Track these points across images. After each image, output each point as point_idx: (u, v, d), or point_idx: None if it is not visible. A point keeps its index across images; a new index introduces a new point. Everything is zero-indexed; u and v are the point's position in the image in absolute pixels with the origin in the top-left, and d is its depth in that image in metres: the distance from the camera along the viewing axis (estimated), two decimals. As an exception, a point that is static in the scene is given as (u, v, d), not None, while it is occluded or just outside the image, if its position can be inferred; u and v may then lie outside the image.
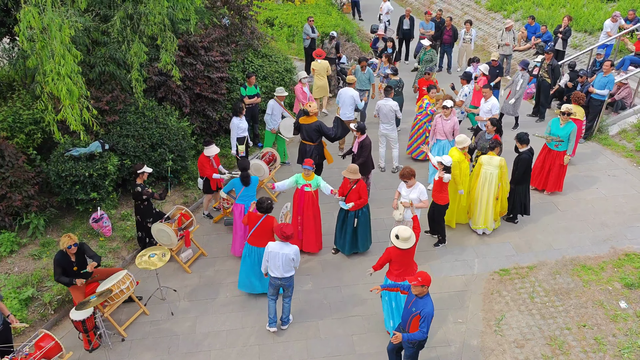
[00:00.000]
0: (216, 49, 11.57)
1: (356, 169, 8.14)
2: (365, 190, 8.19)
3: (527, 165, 8.88)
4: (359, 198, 8.15)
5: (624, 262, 8.39)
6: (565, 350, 6.92)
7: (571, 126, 9.56)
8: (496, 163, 8.61)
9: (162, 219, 8.15)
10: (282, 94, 10.87)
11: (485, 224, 8.99)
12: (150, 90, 10.41)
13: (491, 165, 8.65)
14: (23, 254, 8.30)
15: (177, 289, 8.07)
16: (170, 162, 9.68)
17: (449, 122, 9.81)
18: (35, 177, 8.71)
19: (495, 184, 8.67)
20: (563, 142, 9.58)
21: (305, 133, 9.62)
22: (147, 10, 8.12)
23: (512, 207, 9.25)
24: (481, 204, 8.86)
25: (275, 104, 10.88)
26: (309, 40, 15.01)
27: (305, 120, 9.60)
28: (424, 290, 5.63)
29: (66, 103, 6.74)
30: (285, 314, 7.31)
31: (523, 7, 19.11)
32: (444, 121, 9.84)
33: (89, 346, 6.98)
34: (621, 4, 16.40)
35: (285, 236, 6.69)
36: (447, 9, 21.70)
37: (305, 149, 9.72)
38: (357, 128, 9.26)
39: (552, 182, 10.05)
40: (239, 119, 9.92)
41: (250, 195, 8.38)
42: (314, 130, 9.54)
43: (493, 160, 8.64)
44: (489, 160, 8.69)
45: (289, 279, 6.95)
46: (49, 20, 6.28)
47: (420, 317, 5.64)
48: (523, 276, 8.22)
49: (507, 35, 14.79)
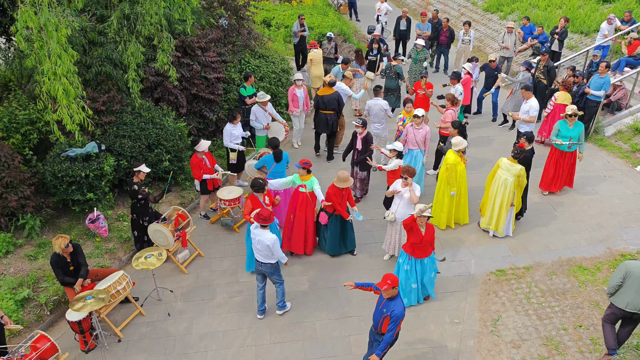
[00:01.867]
0: (213, 49, 11.57)
1: (347, 177, 8.06)
2: (351, 199, 8.29)
3: (529, 163, 8.91)
4: (344, 205, 8.19)
5: (619, 263, 8.40)
6: (561, 351, 6.94)
7: (580, 126, 9.56)
8: (515, 172, 8.39)
9: (159, 220, 8.14)
10: (263, 99, 10.47)
11: (497, 227, 8.97)
12: (146, 91, 10.39)
13: (509, 173, 8.44)
14: (19, 254, 8.27)
15: (174, 289, 8.06)
16: (167, 162, 9.66)
17: (421, 131, 9.55)
18: (31, 178, 8.68)
19: (511, 191, 8.52)
20: (580, 143, 9.61)
21: (327, 103, 10.64)
22: (144, 11, 8.12)
23: None
24: (494, 207, 8.84)
25: (258, 110, 10.54)
26: (297, 38, 15.18)
27: (325, 92, 10.71)
28: (394, 292, 5.72)
29: (62, 103, 6.73)
30: (279, 298, 7.42)
31: (519, 8, 19.16)
32: (416, 130, 9.56)
33: (85, 347, 6.96)
34: (617, 5, 16.47)
35: (262, 218, 6.74)
36: (443, 10, 21.74)
37: (326, 118, 10.77)
38: (360, 123, 9.37)
39: (563, 181, 10.07)
40: (232, 125, 9.68)
41: (281, 171, 8.75)
42: (335, 99, 10.65)
43: (513, 169, 8.41)
44: (509, 167, 8.45)
45: (270, 267, 7.00)
46: (45, 20, 6.27)
47: (390, 319, 5.75)
48: (519, 277, 8.24)
49: (508, 38, 14.56)
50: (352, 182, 8.12)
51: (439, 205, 9.17)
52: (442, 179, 8.95)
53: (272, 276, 7.15)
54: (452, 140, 8.77)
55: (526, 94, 10.43)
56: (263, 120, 10.66)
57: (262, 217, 6.76)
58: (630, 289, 6.22)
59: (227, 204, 9.06)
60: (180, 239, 8.24)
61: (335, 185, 8.05)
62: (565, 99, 11.16)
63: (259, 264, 7.03)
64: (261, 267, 7.04)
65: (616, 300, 6.38)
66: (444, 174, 8.86)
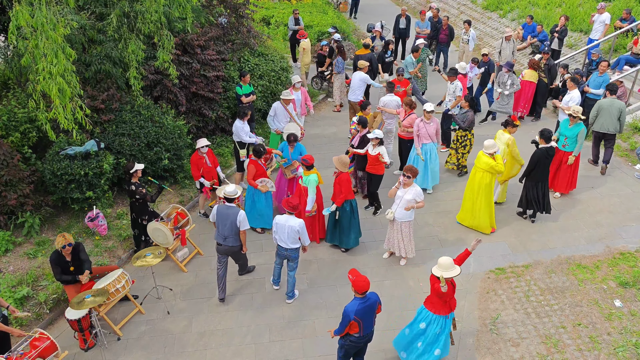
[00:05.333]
0: (212, 47, 11.55)
1: (346, 162, 8.33)
2: (346, 185, 8.24)
3: (537, 160, 8.82)
4: (339, 192, 8.26)
5: (618, 261, 8.43)
6: (560, 349, 6.95)
7: (579, 127, 9.55)
8: (505, 140, 9.26)
9: (157, 219, 8.13)
10: (287, 97, 10.57)
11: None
12: (146, 89, 10.36)
13: (500, 141, 9.33)
14: (18, 253, 8.28)
15: (173, 288, 8.06)
16: (166, 160, 9.66)
17: (432, 124, 9.76)
18: (31, 176, 8.68)
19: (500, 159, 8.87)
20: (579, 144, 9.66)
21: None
22: (144, 9, 8.11)
23: (527, 203, 9.28)
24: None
25: (279, 106, 10.61)
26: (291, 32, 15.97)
27: (362, 52, 12.99)
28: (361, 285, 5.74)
29: (57, 102, 6.70)
30: (289, 287, 7.70)
31: (519, 6, 19.14)
32: (427, 124, 9.75)
33: (85, 345, 6.97)
34: (616, 3, 16.45)
35: (292, 206, 7.20)
36: (443, 9, 21.71)
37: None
38: (359, 122, 9.42)
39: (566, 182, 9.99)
40: (242, 122, 9.73)
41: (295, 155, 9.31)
42: (369, 59, 12.59)
43: (503, 137, 9.35)
44: (500, 135, 9.46)
45: (295, 251, 7.39)
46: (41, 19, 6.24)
47: None
48: (518, 275, 8.24)
49: (506, 45, 14.12)
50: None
51: (478, 210, 9.02)
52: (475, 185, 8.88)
53: (294, 260, 7.50)
54: (485, 142, 8.71)
55: (570, 85, 10.85)
56: (282, 118, 10.65)
57: (292, 205, 7.21)
58: (602, 117, 10.27)
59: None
60: (180, 237, 8.24)
61: (334, 163, 8.32)
62: (532, 77, 12.52)
63: (283, 249, 7.38)
64: (286, 252, 7.39)
65: (595, 126, 10.44)
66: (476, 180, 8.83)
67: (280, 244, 7.34)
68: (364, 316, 5.80)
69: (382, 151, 8.95)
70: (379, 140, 8.96)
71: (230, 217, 7.21)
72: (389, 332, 7.22)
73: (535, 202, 9.19)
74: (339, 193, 8.27)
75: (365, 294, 5.78)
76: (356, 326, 5.82)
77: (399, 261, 8.53)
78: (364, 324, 5.85)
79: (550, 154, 8.84)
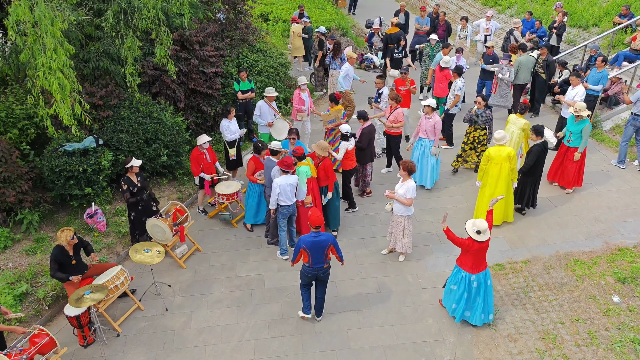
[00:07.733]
0: (211, 43, 11.52)
1: (325, 146, 8.44)
2: (330, 169, 8.51)
3: (536, 156, 8.83)
4: (326, 177, 8.50)
5: (617, 257, 8.45)
6: (558, 344, 6.97)
7: (584, 124, 9.53)
8: (521, 125, 9.65)
9: (156, 215, 8.13)
10: (271, 94, 10.46)
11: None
12: (144, 85, 10.35)
13: (515, 126, 9.74)
14: (17, 249, 8.27)
15: (172, 284, 8.07)
16: (165, 157, 9.64)
17: (431, 120, 9.75)
18: (29, 173, 8.67)
19: (518, 143, 9.67)
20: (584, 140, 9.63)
21: (393, 38, 13.64)
22: (141, 4, 8.07)
23: (520, 197, 9.30)
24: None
25: (263, 105, 10.48)
26: None
27: (392, 30, 13.79)
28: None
29: (57, 97, 6.70)
30: (282, 241, 8.42)
31: (518, 2, 19.12)
32: (427, 119, 9.79)
33: (84, 342, 6.97)
34: (615, -1, 16.45)
35: (287, 165, 7.85)
36: (442, 4, 21.67)
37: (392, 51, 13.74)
38: (359, 116, 9.47)
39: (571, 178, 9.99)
40: (228, 120, 9.63)
41: None
42: (399, 36, 13.59)
43: (518, 122, 9.74)
44: (515, 120, 9.81)
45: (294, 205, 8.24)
46: (40, 14, 6.23)
47: None
48: (517, 271, 8.26)
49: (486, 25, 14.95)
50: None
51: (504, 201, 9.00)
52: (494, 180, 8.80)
53: (294, 214, 8.33)
54: (495, 134, 8.66)
55: (574, 81, 10.77)
56: (267, 116, 10.56)
57: (287, 164, 7.87)
58: (521, 72, 12.18)
59: (225, 198, 9.06)
60: (179, 234, 8.24)
61: (314, 150, 8.45)
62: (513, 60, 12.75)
63: (288, 207, 8.08)
64: (291, 207, 8.14)
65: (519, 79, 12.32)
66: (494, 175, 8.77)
67: (285, 203, 8.00)
68: (312, 248, 6.61)
69: (341, 146, 9.07)
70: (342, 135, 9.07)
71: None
72: (387, 327, 7.24)
73: (527, 197, 9.26)
74: (325, 178, 8.53)
75: (318, 228, 6.60)
76: (306, 256, 6.67)
77: (397, 257, 8.54)
78: (312, 257, 6.66)
79: (546, 148, 8.94)
